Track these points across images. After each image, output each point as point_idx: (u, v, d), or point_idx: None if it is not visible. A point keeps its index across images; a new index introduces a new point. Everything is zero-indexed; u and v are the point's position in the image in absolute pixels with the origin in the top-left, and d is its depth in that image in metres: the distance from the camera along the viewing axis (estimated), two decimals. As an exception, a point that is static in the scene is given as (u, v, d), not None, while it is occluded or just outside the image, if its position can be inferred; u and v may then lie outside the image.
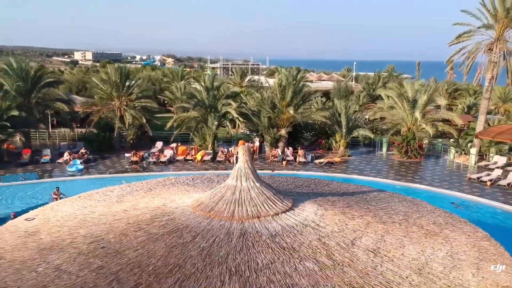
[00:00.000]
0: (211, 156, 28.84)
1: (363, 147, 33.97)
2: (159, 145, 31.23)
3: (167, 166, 27.34)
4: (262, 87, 48.09)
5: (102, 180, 23.48)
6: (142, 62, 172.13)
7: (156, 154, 28.64)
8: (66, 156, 27.24)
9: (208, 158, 28.52)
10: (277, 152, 29.13)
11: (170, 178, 13.31)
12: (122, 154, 29.23)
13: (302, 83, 32.17)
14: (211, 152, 29.34)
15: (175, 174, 22.30)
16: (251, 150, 25.17)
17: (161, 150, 29.77)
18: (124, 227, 8.59)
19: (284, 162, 28.13)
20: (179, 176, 14.92)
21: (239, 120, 30.27)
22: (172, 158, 28.53)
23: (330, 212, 9.38)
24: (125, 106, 30.81)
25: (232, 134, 32.90)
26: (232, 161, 26.76)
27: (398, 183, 24.19)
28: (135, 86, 33.28)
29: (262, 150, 31.38)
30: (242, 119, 30.37)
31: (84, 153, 28.00)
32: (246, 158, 9.48)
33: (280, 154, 29.00)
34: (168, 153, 28.78)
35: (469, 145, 30.65)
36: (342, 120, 30.89)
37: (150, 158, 27.88)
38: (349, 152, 31.05)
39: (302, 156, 28.73)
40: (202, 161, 28.28)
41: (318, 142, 32.88)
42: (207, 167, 27.12)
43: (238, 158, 9.67)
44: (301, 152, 29.12)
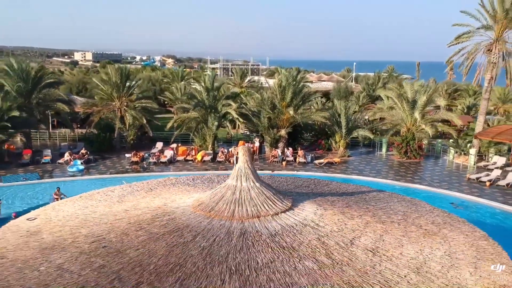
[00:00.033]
0: (211, 156, 28.91)
1: (363, 148, 34.03)
2: (160, 145, 31.28)
3: (168, 167, 27.39)
4: (262, 88, 48.10)
5: (103, 180, 23.54)
6: (142, 63, 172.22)
7: (156, 154, 28.70)
8: (66, 156, 27.30)
9: (208, 159, 28.59)
10: (277, 152, 29.19)
11: (171, 178, 13.37)
12: (122, 155, 29.29)
13: (302, 84, 32.21)
14: (211, 152, 29.41)
15: (176, 175, 22.33)
16: (251, 151, 25.29)
17: (161, 151, 29.82)
18: (125, 227, 8.66)
19: (284, 163, 28.20)
20: (180, 176, 14.98)
21: (239, 120, 30.35)
22: (172, 159, 28.59)
23: (330, 212, 9.45)
24: (125, 107, 30.88)
25: (232, 134, 32.92)
26: (232, 161, 26.82)
27: (397, 184, 24.24)
28: (136, 86, 33.35)
29: (262, 150, 31.43)
30: (242, 120, 30.45)
31: (84, 153, 28.05)
32: (246, 159, 9.55)
33: (280, 154, 29.06)
34: (168, 153, 28.84)
35: (468, 145, 30.72)
36: (342, 120, 30.96)
37: (150, 159, 27.95)
38: (348, 152, 31.11)
39: (302, 156, 28.80)
40: (202, 161, 28.34)
41: (318, 142, 32.93)
42: (207, 168, 27.18)
43: (238, 158, 9.73)
44: (301, 152, 29.18)
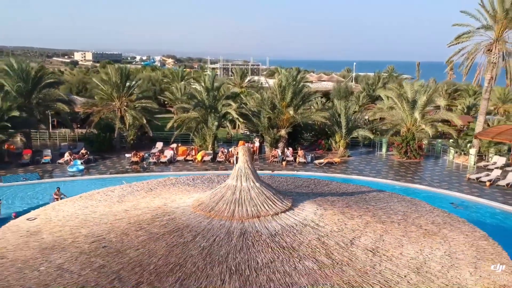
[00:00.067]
0: (211, 156, 28.91)
1: (363, 148, 34.03)
2: (160, 145, 31.29)
3: (167, 167, 27.40)
4: (262, 88, 48.11)
5: (103, 180, 23.54)
6: (142, 63, 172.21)
7: (156, 154, 28.70)
8: (66, 156, 27.30)
9: (208, 159, 28.60)
10: (277, 152, 29.19)
11: (171, 178, 13.36)
12: (122, 155, 29.30)
13: (302, 84, 32.21)
14: (211, 152, 29.42)
15: (175, 175, 22.33)
16: (251, 151, 25.29)
17: (161, 151, 29.83)
18: (125, 227, 8.67)
19: (284, 163, 28.20)
20: (180, 176, 14.98)
21: (239, 120, 30.35)
22: (172, 159, 28.60)
23: (330, 212, 9.45)
24: (125, 107, 30.88)
25: (232, 134, 32.93)
26: (232, 161, 26.82)
27: (397, 184, 24.25)
28: (136, 86, 33.36)
29: (262, 150, 31.44)
30: (242, 120, 30.46)
31: (84, 153, 28.06)
32: (246, 159, 9.55)
33: (280, 154, 29.06)
34: (168, 153, 28.85)
35: (468, 145, 30.72)
36: (342, 120, 30.97)
37: (150, 159, 27.96)
38: (348, 152, 31.11)
39: (302, 156, 28.80)
40: (202, 161, 28.35)
41: (318, 142, 32.94)
42: (207, 168, 27.19)
43: (238, 158, 9.73)
44: (301, 152, 29.18)
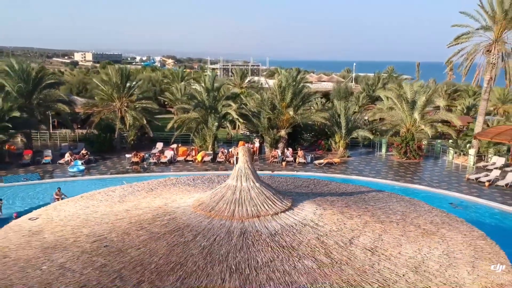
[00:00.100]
0: (211, 157, 28.98)
1: (363, 148, 34.11)
2: (160, 146, 31.36)
3: (168, 167, 27.47)
4: (262, 88, 48.16)
5: (103, 180, 23.62)
6: (142, 63, 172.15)
7: (156, 155, 28.78)
8: (67, 157, 27.38)
9: (208, 159, 28.67)
10: (277, 153, 29.26)
11: (171, 179, 13.42)
12: (122, 155, 29.38)
13: (302, 84, 32.30)
14: (212, 153, 29.48)
15: (176, 175, 22.41)
16: (251, 151, 25.39)
17: (161, 151, 29.92)
18: (126, 226, 8.74)
19: (283, 163, 28.27)
20: (180, 176, 15.04)
21: (239, 121, 30.43)
22: (172, 159, 28.67)
23: (329, 211, 9.52)
24: (125, 107, 30.95)
25: (232, 135, 32.98)
26: (232, 161, 26.88)
27: (397, 184, 24.32)
28: (136, 87, 33.41)
29: (262, 151, 31.50)
30: (242, 120, 30.53)
31: (85, 154, 28.13)
32: (246, 159, 9.61)
33: (280, 155, 29.13)
34: (168, 154, 28.92)
35: (467, 146, 30.79)
36: (341, 121, 31.04)
37: (150, 159, 28.02)
38: (348, 153, 31.19)
39: (302, 157, 28.87)
40: (203, 161, 28.42)
41: (318, 143, 33.01)
42: (208, 168, 27.26)
43: (238, 158, 9.79)
44: (300, 153, 29.25)
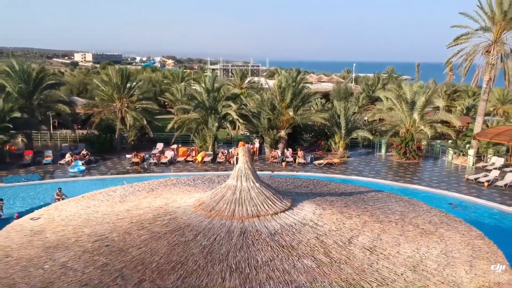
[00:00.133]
0: (212, 157, 29.05)
1: (362, 148, 34.16)
2: (160, 146, 31.42)
3: (168, 167, 27.53)
4: (262, 89, 48.25)
5: (104, 181, 23.69)
6: (142, 64, 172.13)
7: (157, 155, 28.85)
8: (67, 157, 27.45)
9: (208, 159, 28.74)
10: (276, 153, 29.33)
11: (172, 179, 13.48)
12: (123, 155, 29.43)
13: (302, 85, 32.37)
14: (212, 153, 29.55)
15: (176, 175, 22.45)
16: (251, 151, 25.43)
17: (162, 152, 29.98)
18: (127, 226, 8.81)
19: (283, 163, 28.34)
20: (180, 177, 15.11)
21: (239, 121, 30.50)
22: (172, 159, 28.73)
23: (328, 211, 9.60)
24: (126, 108, 31.02)
25: (232, 135, 33.04)
26: (232, 162, 26.95)
27: (396, 184, 24.39)
28: (136, 87, 33.45)
29: (262, 151, 31.57)
30: (242, 121, 30.61)
31: (85, 154, 28.20)
32: (246, 159, 9.68)
33: (279, 155, 29.19)
34: (168, 154, 29.00)
35: (467, 146, 30.86)
36: (341, 121, 31.11)
37: (151, 159, 28.10)
38: (348, 153, 31.26)
39: (302, 157, 28.94)
40: (203, 162, 28.49)
41: (318, 143, 33.06)
42: (208, 168, 27.33)
43: (238, 159, 9.87)
44: (300, 153, 29.32)
